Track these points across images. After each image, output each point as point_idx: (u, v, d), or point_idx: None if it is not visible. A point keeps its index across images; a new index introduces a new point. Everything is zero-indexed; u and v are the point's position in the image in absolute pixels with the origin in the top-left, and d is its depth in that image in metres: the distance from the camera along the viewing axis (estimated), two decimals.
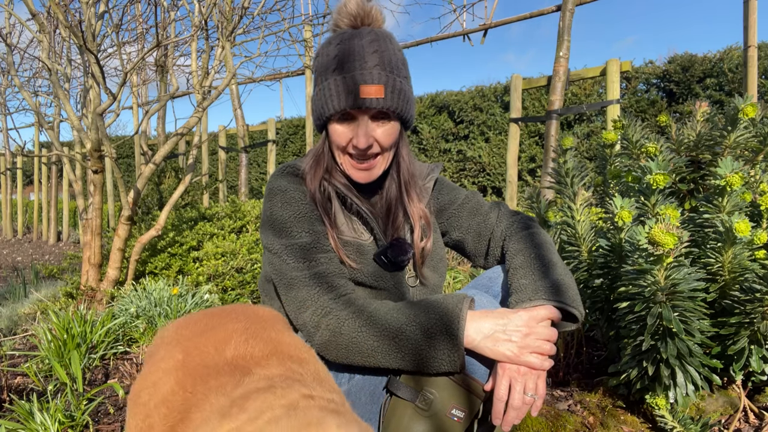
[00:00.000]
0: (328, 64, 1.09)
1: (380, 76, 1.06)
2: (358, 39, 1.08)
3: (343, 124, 1.10)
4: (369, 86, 1.05)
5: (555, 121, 3.96)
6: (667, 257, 1.23)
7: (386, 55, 1.08)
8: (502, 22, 4.72)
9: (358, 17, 1.12)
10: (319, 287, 1.05)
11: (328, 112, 1.09)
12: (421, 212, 1.21)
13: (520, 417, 0.98)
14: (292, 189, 1.14)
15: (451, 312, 0.96)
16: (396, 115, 1.10)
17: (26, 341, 2.67)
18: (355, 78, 1.05)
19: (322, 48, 1.14)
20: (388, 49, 1.10)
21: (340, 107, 1.07)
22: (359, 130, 1.08)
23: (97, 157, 2.96)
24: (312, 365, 0.77)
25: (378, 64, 1.07)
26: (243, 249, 3.19)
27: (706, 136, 1.67)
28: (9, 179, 8.98)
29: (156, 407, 0.71)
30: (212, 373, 0.71)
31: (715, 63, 7.07)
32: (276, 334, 0.83)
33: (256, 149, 8.52)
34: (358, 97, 1.05)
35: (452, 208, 1.31)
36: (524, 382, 0.97)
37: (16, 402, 1.66)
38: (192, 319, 0.90)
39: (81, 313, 2.30)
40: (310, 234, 1.10)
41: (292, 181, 1.15)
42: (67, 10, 2.82)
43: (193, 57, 4.75)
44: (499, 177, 8.35)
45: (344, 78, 1.06)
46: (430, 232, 1.22)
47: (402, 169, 1.20)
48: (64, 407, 1.69)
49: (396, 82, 1.08)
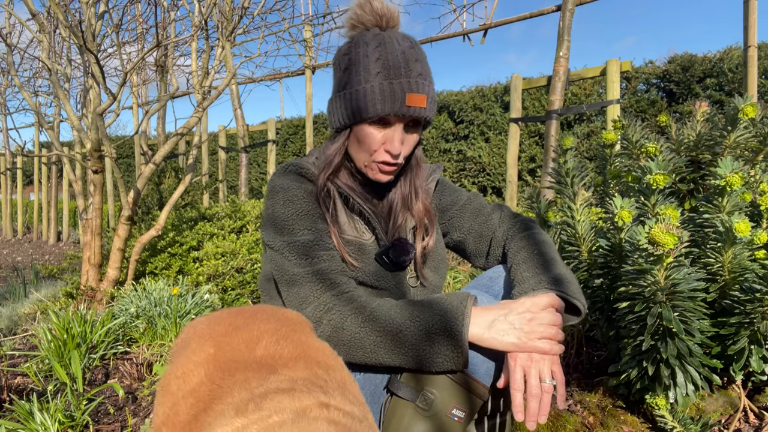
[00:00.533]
0: (368, 66, 1.08)
1: (424, 86, 1.08)
2: (398, 44, 1.09)
3: (377, 128, 1.10)
4: (415, 95, 1.06)
5: (555, 121, 3.96)
6: (667, 257, 1.23)
7: (425, 64, 1.11)
8: (502, 22, 4.72)
9: (384, 17, 1.12)
10: (321, 284, 1.04)
11: (368, 114, 1.08)
12: (424, 211, 1.22)
13: (545, 409, 0.93)
14: (294, 187, 1.14)
15: (454, 309, 0.96)
16: (427, 123, 1.13)
17: (26, 341, 2.67)
18: (402, 85, 1.06)
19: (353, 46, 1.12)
20: (424, 57, 1.12)
21: (383, 112, 1.06)
22: (395, 136, 1.09)
23: (97, 157, 2.95)
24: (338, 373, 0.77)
25: (421, 73, 1.08)
26: (243, 249, 3.19)
27: (706, 136, 1.67)
28: (9, 179, 8.98)
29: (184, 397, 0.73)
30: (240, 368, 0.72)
31: (715, 63, 7.07)
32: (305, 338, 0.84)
33: (256, 149, 8.53)
34: (404, 105, 1.06)
35: (454, 209, 1.31)
36: (538, 368, 0.94)
37: (16, 402, 1.66)
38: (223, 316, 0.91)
39: (81, 313, 2.30)
40: (312, 232, 1.10)
41: (294, 179, 1.15)
42: (67, 10, 2.81)
43: (193, 57, 4.75)
44: (499, 177, 8.35)
45: (391, 84, 1.06)
46: (433, 231, 1.23)
47: (414, 171, 1.22)
48: (64, 407, 1.69)
49: (432, 91, 1.11)
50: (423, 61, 1.10)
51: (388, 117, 1.08)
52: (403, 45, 1.09)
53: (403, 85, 1.06)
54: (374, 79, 1.07)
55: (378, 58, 1.08)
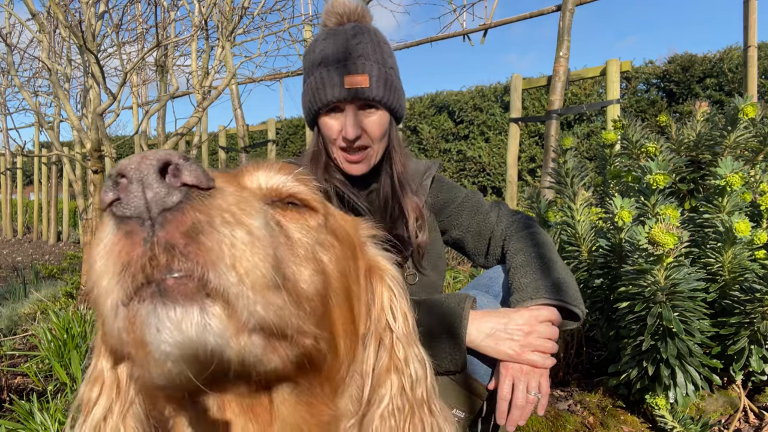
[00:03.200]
0: (313, 60, 1.11)
1: (364, 66, 1.08)
2: (342, 33, 1.11)
3: (332, 117, 1.12)
4: (354, 76, 1.07)
5: (555, 121, 3.96)
6: (667, 257, 1.23)
7: (370, 46, 1.10)
8: (502, 22, 4.72)
9: (344, 15, 1.14)
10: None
11: (317, 105, 1.10)
12: (414, 205, 1.21)
13: (525, 416, 0.97)
14: None
15: (453, 312, 0.96)
16: (383, 104, 1.11)
17: (26, 341, 2.67)
18: (339, 69, 1.07)
19: (309, 46, 1.17)
20: (372, 41, 1.11)
21: (327, 99, 1.08)
22: (347, 121, 1.09)
23: (97, 157, 2.96)
24: None
25: (362, 55, 1.08)
26: None
27: (706, 136, 1.67)
28: (9, 179, 8.97)
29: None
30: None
31: (715, 63, 7.07)
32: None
33: (256, 149, 8.52)
34: (343, 88, 1.07)
35: (452, 206, 1.30)
36: (527, 380, 0.97)
37: (16, 402, 1.66)
38: None
39: (81, 313, 2.30)
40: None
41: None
42: (67, 10, 2.82)
43: (193, 57, 4.75)
44: (499, 177, 8.35)
45: (329, 70, 1.08)
46: (425, 226, 1.22)
47: (395, 162, 1.20)
48: (64, 407, 1.69)
49: (381, 71, 1.09)
50: (369, 44, 1.10)
51: (337, 103, 1.09)
52: (349, 33, 1.10)
53: (340, 69, 1.07)
54: (316, 70, 1.10)
55: (321, 50, 1.10)
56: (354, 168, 1.15)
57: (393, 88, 1.12)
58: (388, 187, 1.21)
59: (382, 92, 1.09)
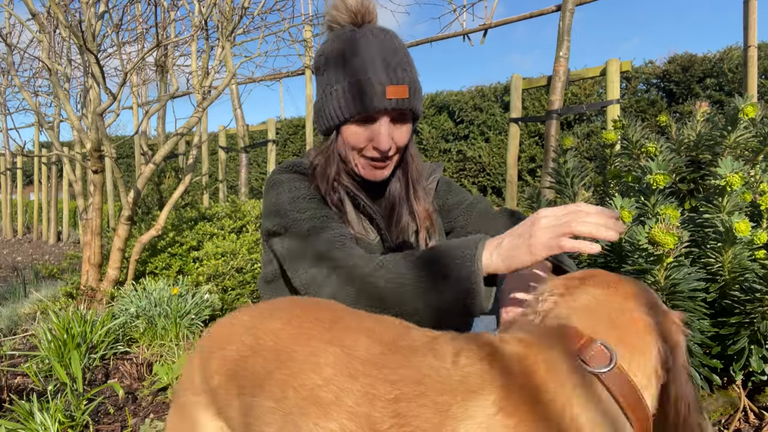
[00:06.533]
0: (341, 64, 1.06)
1: (404, 76, 1.05)
2: (373, 37, 1.06)
3: (361, 126, 1.08)
4: (395, 86, 1.03)
5: (555, 121, 3.96)
6: (667, 257, 1.23)
7: (403, 54, 1.07)
8: (502, 22, 4.72)
9: (359, 14, 1.10)
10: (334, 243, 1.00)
11: (348, 113, 1.05)
12: (426, 212, 1.20)
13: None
14: (298, 179, 1.12)
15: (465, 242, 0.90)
16: (414, 114, 1.10)
17: (26, 341, 2.67)
18: (380, 78, 1.03)
19: (326, 47, 1.11)
20: (402, 47, 1.09)
21: (364, 108, 1.04)
22: (381, 131, 1.06)
23: (97, 157, 2.95)
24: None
25: (400, 64, 1.05)
26: (243, 249, 3.19)
27: (706, 136, 1.67)
28: (9, 179, 8.97)
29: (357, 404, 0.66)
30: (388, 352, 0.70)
31: (715, 63, 7.07)
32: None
33: (256, 149, 8.52)
34: (384, 98, 1.03)
35: (460, 208, 1.30)
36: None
37: (16, 402, 1.66)
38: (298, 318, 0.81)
39: (81, 313, 2.30)
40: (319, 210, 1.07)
41: (297, 178, 1.14)
42: (67, 10, 2.82)
43: (193, 57, 4.75)
44: (499, 177, 8.35)
45: (369, 79, 1.03)
46: (434, 232, 1.22)
47: (410, 169, 1.19)
48: (64, 407, 1.69)
49: (415, 80, 1.07)
50: (401, 51, 1.07)
51: (371, 114, 1.05)
52: (379, 37, 1.07)
53: (381, 78, 1.03)
54: (351, 77, 1.04)
55: (354, 56, 1.05)
56: (378, 173, 1.13)
57: (421, 97, 1.11)
58: (397, 191, 1.19)
59: (417, 103, 1.08)
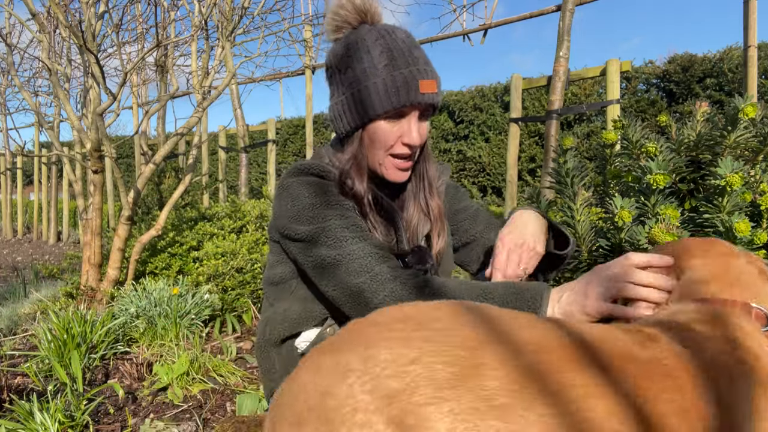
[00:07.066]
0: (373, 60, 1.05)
1: (432, 72, 1.07)
2: (396, 34, 1.08)
3: (392, 122, 1.07)
4: (427, 81, 1.05)
5: (555, 121, 3.96)
6: None
7: (423, 52, 1.10)
8: (502, 22, 4.72)
9: (368, 13, 1.11)
10: (372, 257, 0.98)
11: (383, 108, 1.04)
12: (439, 209, 1.20)
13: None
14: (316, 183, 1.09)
15: (532, 288, 0.91)
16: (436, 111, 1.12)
17: (26, 341, 2.67)
18: (413, 73, 1.04)
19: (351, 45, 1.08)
20: (420, 46, 1.11)
21: (399, 103, 1.04)
22: (412, 127, 1.07)
23: (97, 157, 2.95)
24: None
25: (425, 60, 1.08)
26: (243, 249, 3.19)
27: (706, 136, 1.67)
28: (9, 179, 8.97)
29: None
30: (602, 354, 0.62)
31: (715, 63, 7.08)
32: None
33: (256, 149, 8.53)
34: (419, 92, 1.04)
35: (466, 213, 1.31)
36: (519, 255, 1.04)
37: (16, 402, 1.66)
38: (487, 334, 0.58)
39: (81, 313, 2.30)
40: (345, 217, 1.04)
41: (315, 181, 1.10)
42: (67, 10, 2.82)
43: (193, 57, 4.76)
44: (499, 177, 8.35)
45: (402, 73, 1.04)
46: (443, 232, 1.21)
47: (428, 166, 1.19)
48: (64, 407, 1.69)
49: (438, 77, 1.10)
50: (421, 49, 1.10)
51: (403, 108, 1.05)
52: (401, 35, 1.08)
53: (413, 72, 1.04)
54: (382, 72, 1.04)
55: (382, 51, 1.05)
56: (402, 175, 1.12)
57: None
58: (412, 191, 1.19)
59: (441, 99, 1.11)
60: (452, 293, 0.92)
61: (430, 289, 0.93)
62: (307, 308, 1.14)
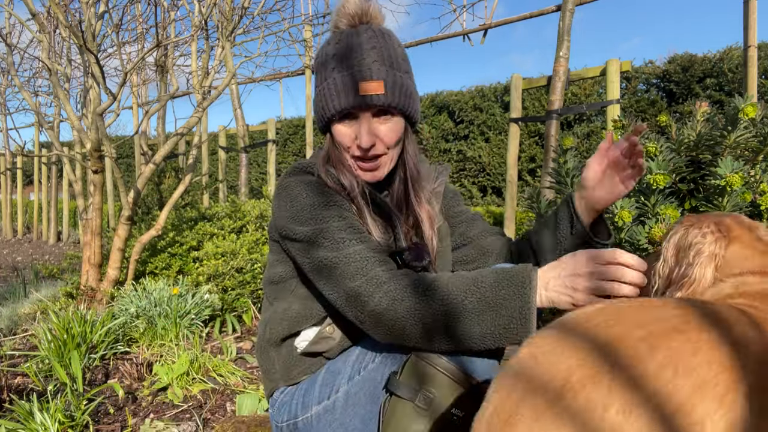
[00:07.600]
0: (326, 64, 1.08)
1: (379, 72, 1.05)
2: (356, 36, 1.08)
3: (346, 124, 1.08)
4: (368, 82, 1.04)
5: (555, 121, 3.96)
6: None
7: (384, 51, 1.07)
8: (502, 22, 4.72)
9: (356, 16, 1.11)
10: (368, 260, 0.99)
11: (330, 112, 1.07)
12: (428, 214, 1.20)
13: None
14: (315, 182, 1.11)
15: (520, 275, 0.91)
16: (398, 111, 1.09)
17: (26, 341, 2.67)
18: (353, 75, 1.04)
19: (320, 49, 1.14)
20: (386, 45, 1.09)
21: (341, 106, 1.05)
22: (362, 129, 1.07)
23: (97, 157, 2.96)
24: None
25: (376, 60, 1.06)
26: (243, 249, 3.19)
27: (706, 136, 1.67)
28: (9, 179, 8.97)
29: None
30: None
31: (715, 63, 7.08)
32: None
33: (256, 149, 8.53)
34: (358, 95, 1.04)
35: (462, 217, 1.32)
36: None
37: (16, 402, 1.66)
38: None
39: (81, 313, 2.30)
40: (343, 218, 1.05)
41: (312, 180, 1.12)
42: (67, 10, 2.82)
43: (193, 57, 4.76)
44: (499, 177, 8.35)
45: (342, 76, 1.05)
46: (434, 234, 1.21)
47: (409, 168, 1.18)
48: (64, 407, 1.69)
49: (396, 77, 1.07)
50: (383, 48, 1.07)
51: (352, 111, 1.06)
52: (363, 36, 1.07)
53: (354, 74, 1.04)
54: (330, 75, 1.06)
55: (334, 54, 1.07)
56: (368, 176, 1.13)
57: (408, 94, 1.09)
58: (401, 193, 1.19)
59: (397, 99, 1.07)
60: (445, 286, 0.93)
61: (424, 285, 0.95)
62: (306, 307, 1.14)
